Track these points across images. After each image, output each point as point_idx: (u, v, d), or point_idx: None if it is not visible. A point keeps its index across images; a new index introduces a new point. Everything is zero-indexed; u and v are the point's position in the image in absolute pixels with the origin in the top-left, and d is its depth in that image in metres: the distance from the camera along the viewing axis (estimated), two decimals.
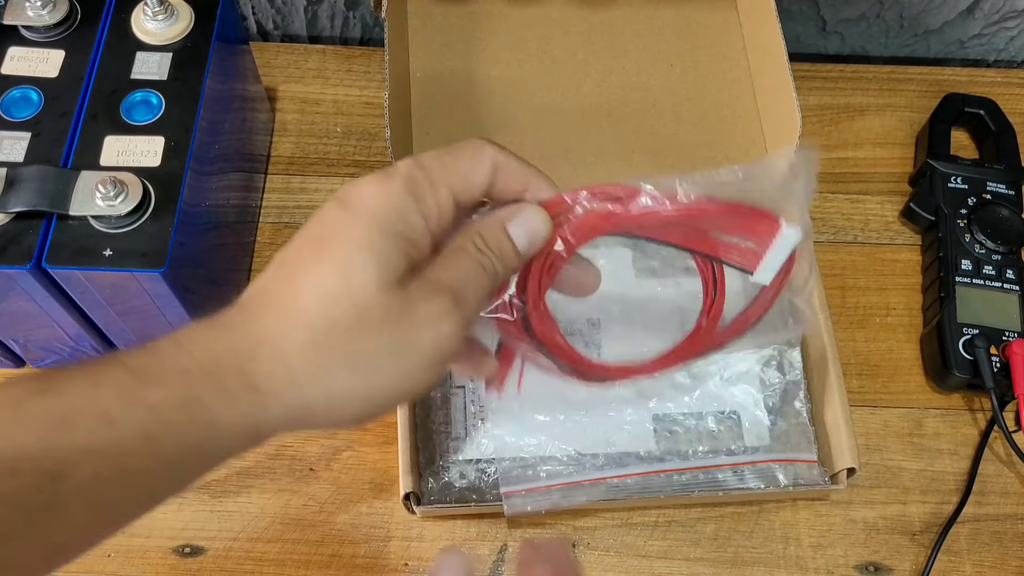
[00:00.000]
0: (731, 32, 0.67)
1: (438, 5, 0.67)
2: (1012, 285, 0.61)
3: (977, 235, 0.62)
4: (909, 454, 0.58)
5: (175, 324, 0.51)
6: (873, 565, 0.55)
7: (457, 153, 0.35)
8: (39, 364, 0.58)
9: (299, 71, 0.70)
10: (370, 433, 0.57)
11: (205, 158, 0.51)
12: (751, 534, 0.56)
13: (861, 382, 0.61)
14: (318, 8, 0.74)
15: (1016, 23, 0.75)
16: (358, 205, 0.32)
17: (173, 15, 0.52)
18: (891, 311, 0.63)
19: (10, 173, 0.46)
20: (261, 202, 0.65)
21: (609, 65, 0.66)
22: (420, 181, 0.33)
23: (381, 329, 0.31)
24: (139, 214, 0.46)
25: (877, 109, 0.71)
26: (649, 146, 0.63)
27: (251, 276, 0.62)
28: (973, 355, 0.58)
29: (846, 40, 0.78)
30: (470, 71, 0.65)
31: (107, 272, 0.46)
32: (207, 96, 0.51)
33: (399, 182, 0.33)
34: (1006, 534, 0.56)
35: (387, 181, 0.33)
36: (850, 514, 0.56)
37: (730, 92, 0.65)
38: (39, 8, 0.51)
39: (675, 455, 0.54)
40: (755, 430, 0.55)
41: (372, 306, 0.31)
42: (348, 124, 0.68)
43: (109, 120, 0.49)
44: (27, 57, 0.51)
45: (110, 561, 0.53)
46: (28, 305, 0.49)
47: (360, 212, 0.32)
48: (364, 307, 0.31)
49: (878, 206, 0.67)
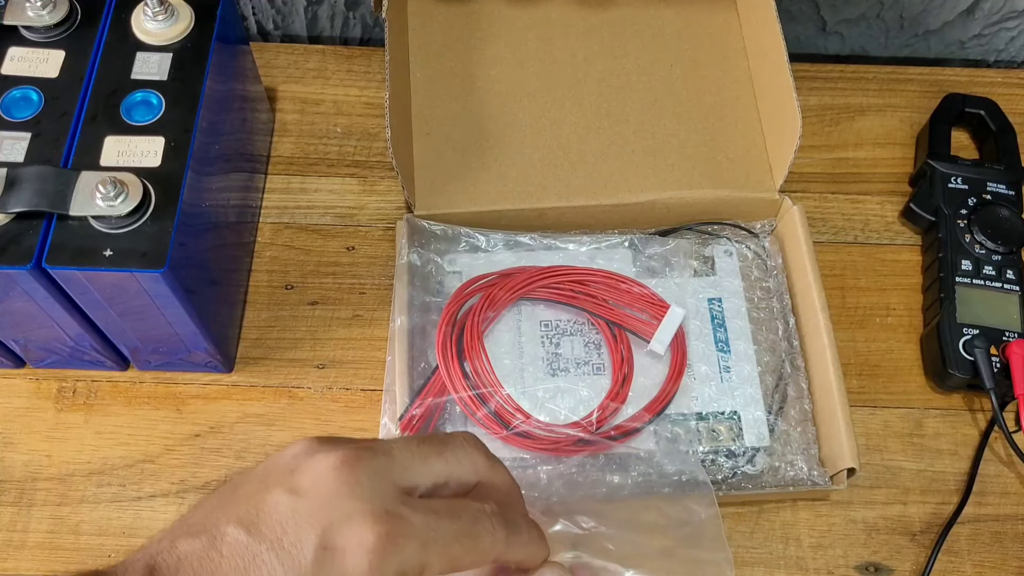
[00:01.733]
0: (731, 32, 0.67)
1: (438, 5, 0.67)
2: (1012, 285, 0.61)
3: (977, 235, 0.62)
4: (909, 454, 0.58)
5: (175, 324, 0.51)
6: (873, 565, 0.55)
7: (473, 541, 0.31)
8: (39, 364, 0.58)
9: (299, 71, 0.70)
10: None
11: (205, 158, 0.51)
12: (751, 534, 0.56)
13: (861, 382, 0.61)
14: (318, 8, 0.74)
15: (1016, 23, 0.75)
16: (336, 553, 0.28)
17: (173, 15, 0.52)
18: (891, 311, 0.63)
19: (10, 173, 0.46)
20: (261, 202, 0.65)
21: (609, 65, 0.66)
22: (414, 566, 0.29)
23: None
24: (139, 214, 0.46)
25: (877, 109, 0.71)
26: (649, 146, 0.63)
27: (251, 276, 0.62)
28: (973, 355, 0.58)
29: (846, 40, 0.78)
30: (470, 71, 0.65)
31: (107, 272, 0.45)
32: (207, 96, 0.51)
33: (395, 563, 0.28)
34: (1006, 534, 0.56)
35: (387, 552, 0.28)
36: (850, 514, 0.56)
37: (730, 92, 0.65)
38: (39, 8, 0.51)
39: (675, 455, 0.54)
40: (755, 430, 0.55)
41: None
42: (348, 124, 0.68)
43: (109, 120, 0.49)
44: (27, 57, 0.51)
45: (110, 562, 0.53)
46: (28, 305, 0.49)
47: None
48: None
49: (878, 206, 0.67)
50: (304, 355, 0.59)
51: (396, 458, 0.31)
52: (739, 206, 0.62)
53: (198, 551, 0.28)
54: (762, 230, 0.62)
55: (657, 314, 0.57)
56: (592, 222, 0.61)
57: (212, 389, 0.58)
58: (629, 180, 0.61)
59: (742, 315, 0.59)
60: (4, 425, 0.57)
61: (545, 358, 0.57)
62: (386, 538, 0.28)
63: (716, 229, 0.62)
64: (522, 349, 0.57)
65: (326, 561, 0.27)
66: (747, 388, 0.57)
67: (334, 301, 0.61)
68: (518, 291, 0.57)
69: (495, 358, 0.55)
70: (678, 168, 0.62)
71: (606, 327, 0.57)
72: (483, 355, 0.54)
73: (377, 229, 0.64)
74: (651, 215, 0.61)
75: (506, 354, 0.56)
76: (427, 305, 0.57)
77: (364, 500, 0.28)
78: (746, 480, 0.55)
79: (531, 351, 0.57)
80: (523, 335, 0.57)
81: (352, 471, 0.29)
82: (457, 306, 0.56)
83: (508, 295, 0.57)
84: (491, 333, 0.57)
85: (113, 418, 0.57)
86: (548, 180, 0.61)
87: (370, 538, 0.28)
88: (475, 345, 0.54)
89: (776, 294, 0.60)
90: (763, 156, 0.63)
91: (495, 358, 0.55)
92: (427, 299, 0.57)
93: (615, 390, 0.55)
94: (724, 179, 0.62)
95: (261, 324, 0.60)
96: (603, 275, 0.58)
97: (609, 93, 0.65)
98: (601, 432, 0.53)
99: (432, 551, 0.29)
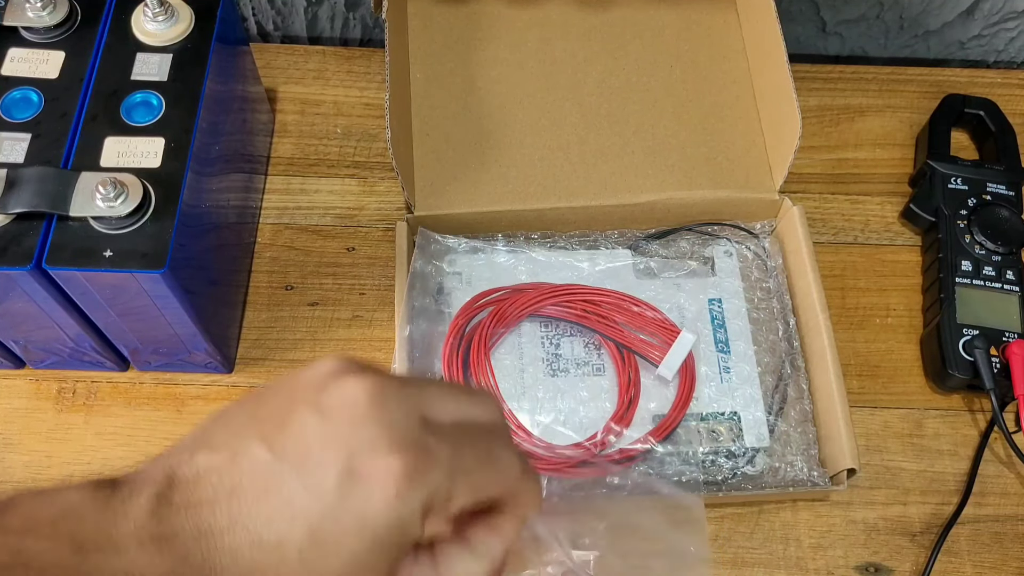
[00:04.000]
0: (731, 33, 0.67)
1: (438, 6, 0.67)
2: (1012, 286, 0.61)
3: (977, 236, 0.62)
4: (909, 455, 0.58)
5: (175, 325, 0.51)
6: (873, 566, 0.55)
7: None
8: (39, 365, 0.58)
9: (299, 72, 0.70)
10: None
11: (205, 159, 0.51)
12: (751, 535, 0.56)
13: (861, 383, 0.61)
14: (318, 9, 0.74)
15: (1016, 24, 0.75)
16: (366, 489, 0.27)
17: (173, 16, 0.52)
18: (891, 312, 0.63)
19: (10, 174, 0.46)
20: (261, 203, 0.65)
21: (609, 65, 0.66)
22: (441, 495, 0.28)
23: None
24: (139, 215, 0.46)
25: (877, 110, 0.71)
26: (649, 146, 0.63)
27: (251, 277, 0.62)
28: (973, 356, 0.58)
29: (846, 41, 0.78)
30: (470, 72, 0.65)
31: (107, 273, 0.45)
32: (207, 97, 0.51)
33: (421, 493, 0.27)
34: (1006, 535, 0.56)
35: (413, 481, 0.27)
36: (850, 515, 0.56)
37: (730, 92, 0.65)
38: (39, 9, 0.51)
39: (675, 456, 0.54)
40: (755, 431, 0.55)
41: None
42: (348, 125, 0.68)
43: (109, 121, 0.49)
44: (27, 58, 0.51)
45: None
46: (28, 306, 0.49)
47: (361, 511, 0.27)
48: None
49: (878, 207, 0.67)
50: (304, 356, 0.59)
51: (426, 390, 0.30)
52: (739, 206, 0.62)
53: (218, 466, 0.27)
54: (762, 230, 0.62)
55: (668, 339, 0.56)
56: (592, 222, 0.61)
57: (212, 390, 0.58)
58: (629, 181, 0.61)
59: (742, 315, 0.59)
60: (4, 426, 0.57)
61: (545, 359, 0.57)
62: (413, 466, 0.27)
63: (716, 230, 0.62)
64: (522, 350, 0.57)
65: (350, 486, 0.27)
66: (747, 388, 0.57)
67: (334, 302, 0.61)
68: (528, 308, 0.56)
69: (493, 358, 0.55)
70: (678, 169, 0.62)
71: (615, 349, 0.56)
72: (489, 372, 0.54)
73: (377, 230, 0.64)
74: (651, 215, 0.61)
75: (506, 354, 0.56)
76: (426, 307, 0.57)
77: (392, 428, 0.28)
78: (746, 481, 0.55)
79: (531, 352, 0.57)
80: (523, 335, 0.57)
81: (383, 398, 0.28)
82: (466, 320, 0.56)
83: (518, 311, 0.56)
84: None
85: (113, 419, 0.57)
86: (548, 181, 0.61)
87: (397, 466, 0.27)
88: (482, 361, 0.54)
89: (776, 294, 0.60)
90: (763, 156, 0.63)
91: (493, 358, 0.55)
92: (426, 301, 0.57)
93: (620, 412, 0.55)
94: (724, 180, 0.62)
95: (261, 325, 0.60)
96: (616, 296, 0.57)
97: (609, 93, 0.65)
98: (605, 455, 0.53)
99: (459, 481, 0.28)
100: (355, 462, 0.27)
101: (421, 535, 0.28)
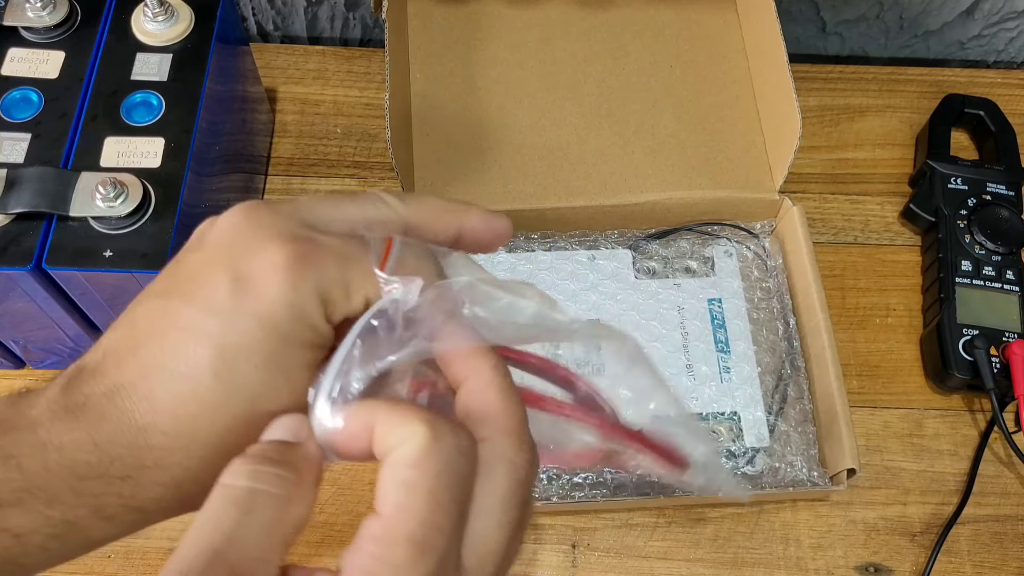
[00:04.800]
0: (731, 32, 0.67)
1: (438, 6, 0.67)
2: (1012, 286, 0.61)
3: (977, 236, 0.62)
4: (909, 455, 0.58)
5: None
6: (873, 566, 0.55)
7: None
8: (39, 365, 0.58)
9: (299, 72, 0.70)
10: None
11: (205, 159, 0.51)
12: (751, 535, 0.56)
13: (861, 383, 0.61)
14: (318, 9, 0.74)
15: (1016, 24, 0.75)
16: (255, 296, 0.27)
17: (173, 16, 0.52)
18: (891, 312, 0.63)
19: (10, 174, 0.46)
20: None
21: (609, 65, 0.66)
22: (336, 284, 0.28)
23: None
24: (139, 215, 0.46)
25: (877, 110, 0.71)
26: (649, 146, 0.63)
27: None
28: (973, 356, 0.58)
29: (846, 41, 0.78)
30: (470, 72, 0.65)
31: (107, 273, 0.46)
32: (207, 97, 0.51)
33: (312, 278, 0.27)
34: (1006, 535, 0.56)
35: (300, 268, 0.27)
36: (850, 515, 0.56)
37: (730, 92, 0.65)
38: (39, 9, 0.51)
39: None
40: (755, 431, 0.55)
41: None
42: (348, 125, 0.68)
43: (109, 121, 0.49)
44: (27, 58, 0.51)
45: (110, 562, 0.53)
46: (28, 306, 0.49)
47: (254, 310, 0.27)
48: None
49: (878, 207, 0.67)
50: None
51: (301, 201, 0.30)
52: (739, 206, 0.62)
53: (119, 336, 0.28)
54: (762, 230, 0.62)
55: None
56: (592, 222, 0.61)
57: None
58: (629, 180, 0.61)
59: (742, 316, 0.59)
60: None
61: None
62: (297, 255, 0.27)
63: (716, 230, 0.62)
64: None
65: (242, 292, 0.27)
66: (747, 388, 0.57)
67: None
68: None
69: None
70: (678, 168, 0.62)
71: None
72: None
73: None
74: (651, 215, 0.61)
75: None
76: None
77: (271, 228, 0.28)
78: (746, 481, 0.55)
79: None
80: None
81: (257, 212, 0.28)
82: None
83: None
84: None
85: None
86: (548, 180, 0.61)
87: (279, 258, 0.27)
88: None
89: (776, 294, 0.60)
90: (763, 156, 0.63)
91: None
92: None
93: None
94: (724, 179, 0.62)
95: None
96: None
97: (609, 93, 0.65)
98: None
99: (352, 268, 0.28)
100: (240, 269, 0.27)
101: (327, 328, 0.28)
